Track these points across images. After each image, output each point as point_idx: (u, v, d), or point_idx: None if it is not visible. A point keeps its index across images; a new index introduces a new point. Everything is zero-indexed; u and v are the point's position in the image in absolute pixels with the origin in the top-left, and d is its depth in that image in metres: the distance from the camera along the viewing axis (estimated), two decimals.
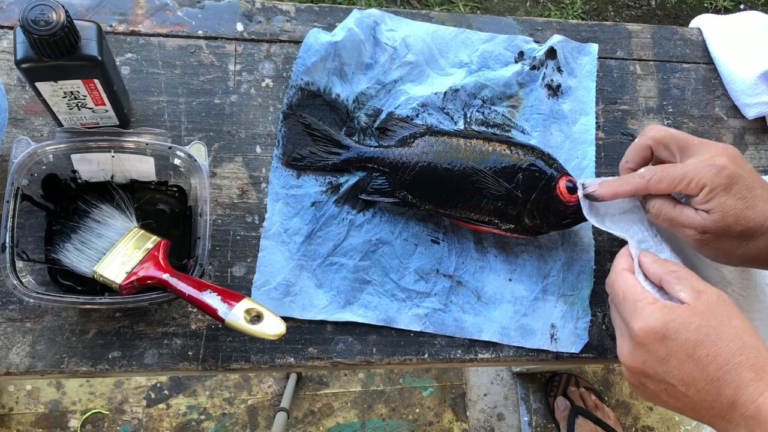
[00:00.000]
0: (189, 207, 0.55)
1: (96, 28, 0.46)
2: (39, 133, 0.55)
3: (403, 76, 0.61)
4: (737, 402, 0.42)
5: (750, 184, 0.49)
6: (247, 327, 0.45)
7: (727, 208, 0.49)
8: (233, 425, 1.35)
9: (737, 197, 0.49)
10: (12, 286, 0.47)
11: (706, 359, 0.43)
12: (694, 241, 0.51)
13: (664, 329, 0.44)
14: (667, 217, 0.51)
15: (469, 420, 1.43)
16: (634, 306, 0.47)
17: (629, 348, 0.47)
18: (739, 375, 0.42)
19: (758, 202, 0.49)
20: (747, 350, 0.43)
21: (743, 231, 0.49)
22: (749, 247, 0.49)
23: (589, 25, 0.67)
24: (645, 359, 0.45)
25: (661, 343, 0.44)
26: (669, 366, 0.44)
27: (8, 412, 1.29)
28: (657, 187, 0.51)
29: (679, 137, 0.52)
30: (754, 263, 0.51)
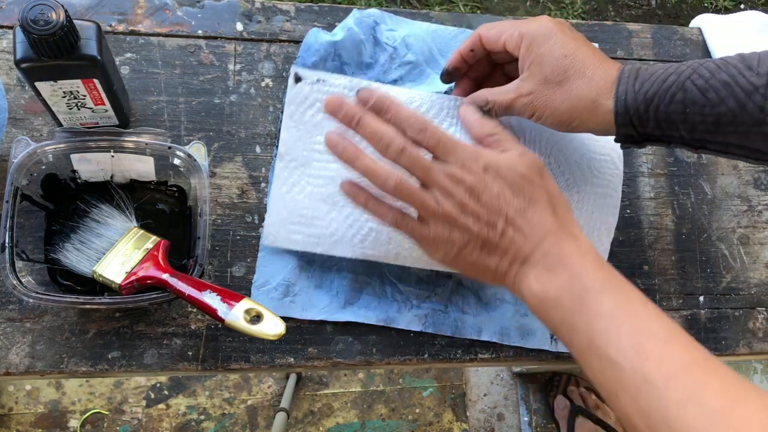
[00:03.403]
0: (189, 207, 0.55)
1: (95, 27, 0.46)
2: (38, 132, 0.55)
3: (403, 76, 0.60)
4: (542, 243, 0.46)
5: (575, 37, 0.50)
6: (247, 327, 0.45)
7: (543, 56, 0.49)
8: (233, 425, 1.35)
9: (553, 45, 0.50)
10: (11, 285, 0.47)
11: (528, 201, 0.46)
12: (525, 106, 0.51)
13: (488, 162, 0.47)
14: (500, 102, 0.51)
15: (469, 420, 1.43)
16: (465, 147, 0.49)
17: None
18: (548, 223, 0.46)
19: (580, 52, 0.50)
20: (557, 203, 0.47)
21: (562, 74, 0.49)
22: (573, 95, 0.49)
23: (589, 25, 0.67)
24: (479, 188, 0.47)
25: (491, 176, 0.47)
26: (499, 202, 0.46)
27: (8, 412, 1.29)
28: (487, 35, 0.52)
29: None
30: (586, 124, 0.50)
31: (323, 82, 0.56)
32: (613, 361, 0.41)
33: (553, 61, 0.49)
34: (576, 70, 0.49)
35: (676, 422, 0.38)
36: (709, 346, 0.62)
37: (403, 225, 0.49)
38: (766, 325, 0.64)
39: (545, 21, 0.51)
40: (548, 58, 0.49)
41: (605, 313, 0.42)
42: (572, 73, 0.49)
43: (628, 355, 0.40)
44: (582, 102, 0.49)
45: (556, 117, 0.50)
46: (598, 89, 0.49)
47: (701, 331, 0.62)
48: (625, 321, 0.42)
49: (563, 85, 0.49)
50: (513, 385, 1.44)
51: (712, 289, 0.64)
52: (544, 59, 0.49)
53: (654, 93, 0.48)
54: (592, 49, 0.51)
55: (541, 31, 0.50)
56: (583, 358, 0.43)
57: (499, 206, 0.46)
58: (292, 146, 0.56)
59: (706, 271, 0.64)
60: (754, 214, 0.66)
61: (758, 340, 0.63)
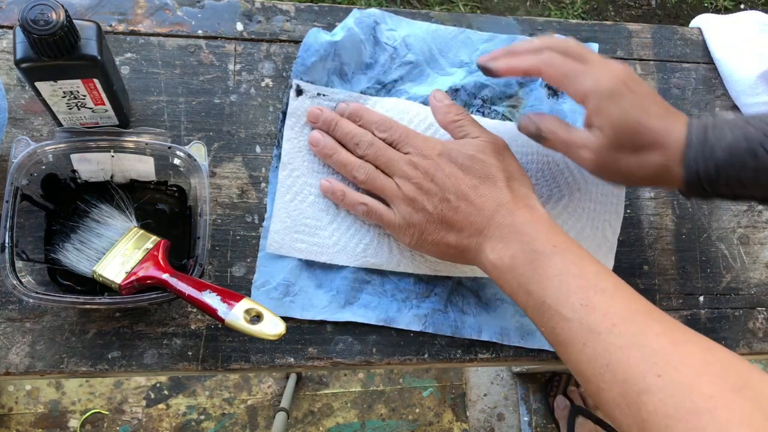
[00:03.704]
0: (189, 207, 0.55)
1: (96, 27, 0.46)
2: (38, 132, 0.55)
3: (403, 76, 0.60)
4: (495, 215, 0.49)
5: (642, 100, 0.49)
6: (247, 327, 0.45)
7: (620, 122, 0.48)
8: (233, 425, 1.35)
9: (630, 110, 0.48)
10: (11, 285, 0.47)
11: (480, 178, 0.50)
12: (590, 162, 0.50)
13: (442, 149, 0.52)
14: (562, 139, 0.51)
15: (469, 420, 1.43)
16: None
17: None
18: (502, 195, 0.49)
19: (650, 118, 0.49)
20: (514, 179, 0.50)
21: (639, 146, 0.49)
22: (645, 165, 0.49)
23: (589, 25, 0.67)
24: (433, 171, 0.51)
25: (444, 159, 0.51)
26: (451, 180, 0.50)
27: (8, 412, 1.29)
28: (549, 73, 0.51)
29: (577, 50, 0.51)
30: (652, 183, 0.51)
31: (324, 96, 0.58)
32: (563, 317, 0.43)
33: (626, 127, 0.48)
34: (651, 140, 0.48)
35: (619, 365, 0.40)
36: None
37: (373, 214, 0.54)
38: (766, 325, 0.64)
39: (610, 78, 0.49)
40: (621, 122, 0.48)
41: (555, 274, 0.45)
42: (647, 144, 0.49)
43: (576, 309, 0.43)
44: (653, 170, 0.49)
45: (620, 179, 0.51)
46: (670, 156, 0.49)
47: (701, 331, 0.62)
48: (573, 279, 0.44)
49: (637, 155, 0.49)
50: (513, 385, 1.44)
51: (712, 289, 0.64)
52: (616, 122, 0.48)
53: (725, 161, 0.47)
54: (660, 108, 0.50)
55: (611, 91, 0.48)
56: (537, 319, 0.46)
57: (451, 184, 0.50)
58: (294, 156, 0.57)
59: (706, 271, 0.64)
60: (754, 214, 0.66)
61: (758, 340, 0.63)
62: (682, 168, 0.48)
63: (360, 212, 0.55)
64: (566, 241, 0.47)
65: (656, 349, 0.40)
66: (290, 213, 0.56)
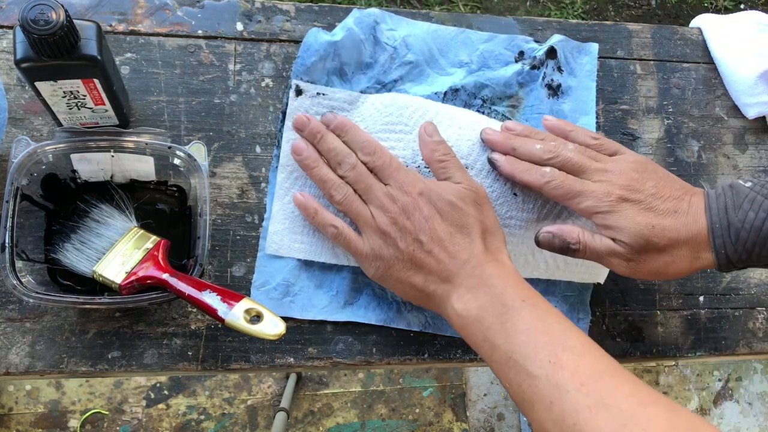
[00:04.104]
0: (189, 207, 0.55)
1: (95, 27, 0.46)
2: (38, 132, 0.55)
3: (403, 76, 0.60)
4: (465, 265, 0.48)
5: (647, 204, 0.50)
6: (247, 327, 0.45)
7: (632, 232, 0.49)
8: (233, 425, 1.35)
9: (637, 218, 0.49)
10: (11, 285, 0.47)
11: (456, 227, 0.50)
12: (624, 269, 0.51)
13: (423, 188, 0.51)
14: (592, 249, 0.51)
15: (469, 420, 1.43)
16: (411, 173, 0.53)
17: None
18: (474, 247, 0.49)
19: (661, 219, 0.49)
20: (489, 232, 0.50)
21: (661, 247, 0.49)
22: (676, 261, 0.50)
23: (589, 25, 0.67)
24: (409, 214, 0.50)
25: (424, 200, 0.50)
26: (428, 223, 0.50)
27: (8, 412, 1.29)
28: (551, 193, 0.52)
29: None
30: (690, 273, 0.51)
31: (323, 95, 0.57)
32: (530, 374, 0.43)
33: (641, 236, 0.49)
34: (670, 240, 0.49)
35: (587, 425, 0.40)
36: (709, 346, 0.62)
37: (342, 238, 0.53)
38: (766, 325, 0.64)
39: (608, 194, 0.50)
40: (634, 233, 0.49)
41: (523, 329, 0.45)
42: (669, 244, 0.49)
43: (544, 366, 0.42)
44: (686, 264, 0.50)
45: (659, 278, 0.51)
46: (697, 247, 0.49)
47: (701, 331, 0.62)
48: (542, 336, 0.44)
49: (664, 254, 0.50)
50: None
51: (712, 289, 0.64)
52: (629, 235, 0.49)
53: (753, 243, 0.48)
54: (670, 203, 0.50)
55: (612, 208, 0.50)
56: (503, 373, 0.45)
57: (427, 227, 0.50)
58: (293, 158, 0.57)
59: (706, 271, 0.64)
60: None
61: (758, 340, 0.63)
62: (711, 254, 0.49)
63: (329, 234, 0.54)
64: (534, 296, 0.47)
65: (624, 410, 0.40)
66: (288, 214, 0.56)
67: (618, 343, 0.61)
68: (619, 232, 0.49)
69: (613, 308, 0.61)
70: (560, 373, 0.42)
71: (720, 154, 0.67)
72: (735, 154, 0.67)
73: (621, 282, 0.62)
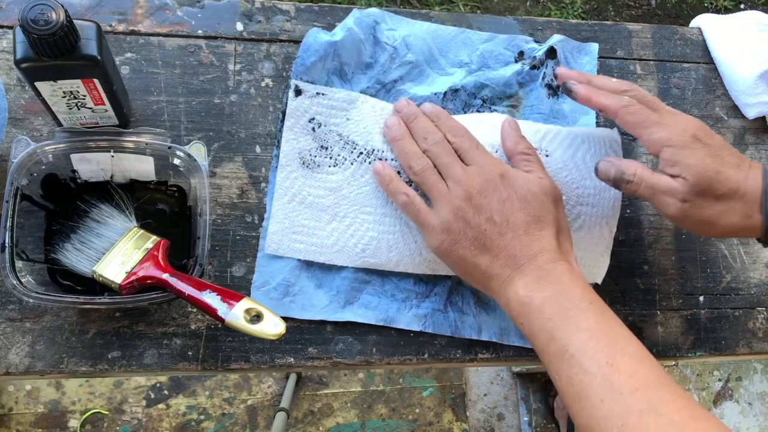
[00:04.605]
0: (189, 207, 0.55)
1: (95, 27, 0.46)
2: (38, 132, 0.55)
3: (403, 76, 0.61)
4: (537, 257, 0.48)
5: (717, 151, 0.50)
6: (247, 327, 0.45)
7: (698, 170, 0.49)
8: (233, 425, 1.35)
9: (706, 159, 0.49)
10: (11, 285, 0.47)
11: (533, 218, 0.49)
12: (676, 210, 0.50)
13: (506, 172, 0.51)
14: (649, 184, 0.51)
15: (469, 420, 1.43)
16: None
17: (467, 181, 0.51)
18: (548, 242, 0.49)
19: (727, 168, 0.50)
20: (562, 232, 0.51)
21: (720, 194, 0.49)
22: (729, 213, 0.50)
23: (589, 25, 0.67)
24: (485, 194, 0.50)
25: (505, 183, 0.50)
26: (505, 205, 0.50)
27: (8, 412, 1.29)
28: (625, 118, 0.51)
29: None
30: (735, 233, 0.51)
31: (323, 95, 0.57)
32: (585, 370, 0.43)
33: (706, 177, 0.49)
34: (730, 188, 0.50)
35: (636, 428, 0.40)
36: (709, 345, 0.62)
37: (411, 207, 0.53)
38: (766, 325, 0.64)
39: (684, 131, 0.50)
40: (701, 172, 0.49)
41: (586, 328, 0.45)
42: (727, 192, 0.50)
43: (601, 366, 0.43)
44: (736, 219, 0.50)
45: (705, 228, 0.51)
46: (750, 204, 0.50)
47: (701, 331, 0.62)
48: (603, 338, 0.44)
49: (720, 203, 0.50)
50: (513, 385, 1.44)
51: (712, 289, 0.64)
52: (695, 171, 0.49)
53: None
54: (734, 157, 0.51)
55: (685, 143, 0.50)
56: (555, 364, 0.46)
57: (504, 209, 0.49)
58: (294, 158, 0.57)
59: (706, 271, 0.64)
60: None
61: (758, 340, 0.63)
62: (760, 215, 0.49)
63: (399, 202, 0.53)
64: (599, 301, 0.48)
65: (675, 421, 0.40)
66: (288, 214, 0.56)
67: None
68: (686, 169, 0.49)
69: (613, 308, 0.61)
70: (616, 376, 0.42)
71: None
72: None
73: (621, 282, 0.62)
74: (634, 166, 0.52)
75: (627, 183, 0.52)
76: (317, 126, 0.57)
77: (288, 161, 0.57)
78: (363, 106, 0.58)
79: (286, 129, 0.57)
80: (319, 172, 0.57)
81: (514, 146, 0.53)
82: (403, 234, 0.56)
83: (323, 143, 0.57)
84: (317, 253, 0.56)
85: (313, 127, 0.57)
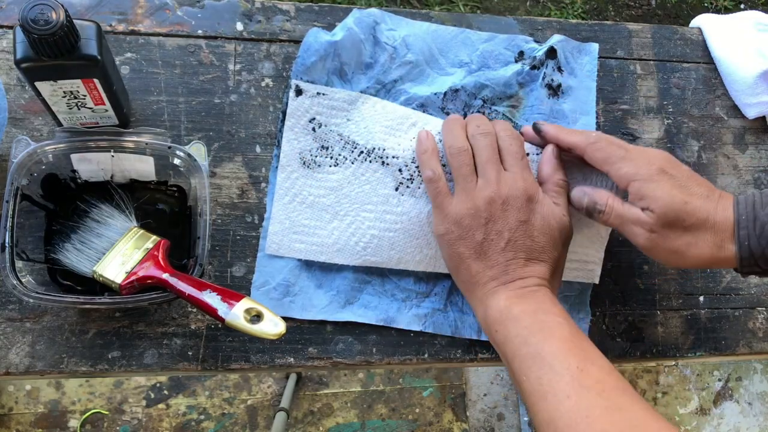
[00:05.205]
0: (189, 207, 0.55)
1: (95, 27, 0.46)
2: (38, 132, 0.55)
3: (403, 76, 0.61)
4: (526, 279, 0.50)
5: (684, 182, 0.50)
6: (247, 326, 0.45)
7: (665, 203, 0.49)
8: (233, 425, 1.35)
9: (672, 191, 0.50)
10: (11, 285, 0.47)
11: (540, 251, 0.51)
12: (644, 240, 0.51)
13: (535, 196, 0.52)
14: (618, 214, 0.52)
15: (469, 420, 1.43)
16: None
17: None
18: (541, 272, 0.51)
19: (695, 199, 0.50)
20: (557, 270, 0.53)
21: (689, 225, 0.49)
22: (699, 244, 0.50)
23: (589, 25, 0.67)
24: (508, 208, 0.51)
25: (530, 208, 0.51)
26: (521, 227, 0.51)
27: (8, 412, 1.29)
28: (593, 155, 0.52)
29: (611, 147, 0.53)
30: (708, 263, 0.51)
31: (323, 95, 0.57)
32: (555, 371, 0.45)
33: (673, 209, 0.49)
34: (699, 219, 0.49)
35: (599, 419, 0.42)
36: (709, 346, 0.62)
37: (433, 186, 0.53)
38: (766, 325, 0.64)
39: (649, 164, 0.51)
40: (668, 203, 0.49)
41: (560, 337, 0.47)
42: (696, 223, 0.49)
43: (571, 369, 0.45)
44: (707, 250, 0.50)
45: (677, 259, 0.51)
46: (721, 235, 0.50)
47: (701, 331, 0.62)
48: (575, 348, 0.47)
49: (688, 234, 0.50)
50: (513, 385, 1.44)
51: (712, 289, 0.64)
52: (663, 203, 0.49)
53: None
54: (702, 188, 0.51)
55: (650, 176, 0.50)
56: (524, 366, 0.47)
57: (517, 230, 0.51)
58: (294, 158, 0.57)
59: (706, 271, 0.64)
60: None
61: (758, 340, 0.63)
62: (734, 246, 0.49)
63: (425, 175, 0.53)
64: (575, 324, 0.49)
65: (638, 417, 0.42)
66: (289, 214, 0.56)
67: (618, 343, 0.61)
68: (653, 201, 0.49)
69: (613, 308, 0.61)
70: (585, 378, 0.44)
71: (720, 154, 0.67)
72: (735, 154, 0.67)
73: (621, 282, 0.62)
74: (605, 196, 0.52)
75: (599, 213, 0.53)
76: (318, 126, 0.57)
77: (288, 161, 0.57)
78: (363, 106, 0.58)
79: (287, 129, 0.57)
80: (319, 172, 0.57)
81: (552, 173, 0.54)
82: (405, 232, 0.56)
83: (324, 143, 0.57)
84: (318, 253, 0.56)
85: (313, 127, 0.57)
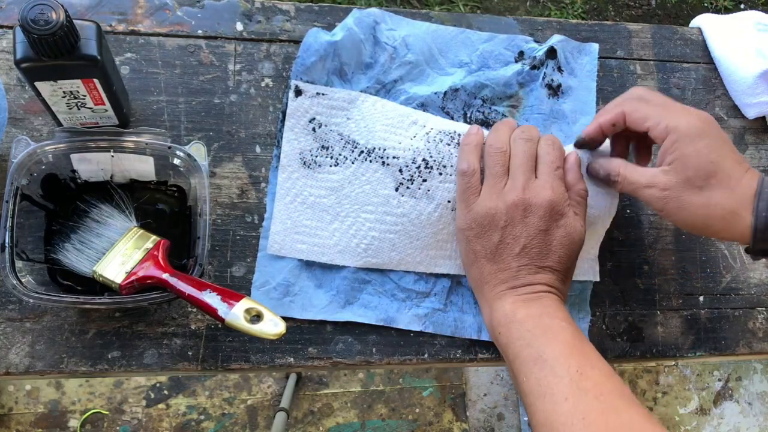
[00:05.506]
0: (188, 207, 0.55)
1: (95, 27, 0.46)
2: (38, 132, 0.55)
3: (403, 76, 0.61)
4: (535, 286, 0.51)
5: (720, 144, 0.50)
6: (247, 326, 0.45)
7: (691, 156, 0.49)
8: (233, 425, 1.35)
9: (705, 149, 0.49)
10: (11, 285, 0.47)
11: (555, 262, 0.52)
12: (657, 199, 0.50)
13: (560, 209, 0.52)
14: (630, 181, 0.52)
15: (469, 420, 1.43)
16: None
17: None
18: (551, 280, 0.52)
19: (724, 159, 0.49)
20: (567, 277, 0.53)
21: (708, 182, 0.49)
22: (711, 202, 0.49)
23: (589, 25, 0.67)
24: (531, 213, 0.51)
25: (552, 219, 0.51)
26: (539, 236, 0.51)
27: (8, 412, 1.29)
28: (632, 115, 0.52)
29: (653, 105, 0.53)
30: (717, 229, 0.50)
31: (323, 95, 0.57)
32: (555, 373, 0.46)
33: (698, 164, 0.49)
34: (720, 178, 0.49)
35: (596, 421, 0.43)
36: (709, 345, 0.62)
37: (466, 177, 0.53)
38: (766, 325, 0.64)
39: (695, 119, 0.50)
40: (694, 159, 0.49)
41: (563, 341, 0.48)
42: (716, 182, 0.49)
43: (571, 372, 0.46)
44: (720, 212, 0.49)
45: (688, 220, 0.50)
46: (738, 201, 0.49)
47: (701, 331, 0.62)
48: (576, 352, 0.47)
49: (704, 191, 0.49)
50: (513, 385, 1.44)
51: (712, 289, 0.64)
52: (689, 160, 0.49)
53: None
54: (736, 156, 0.50)
55: (690, 131, 0.49)
56: (525, 367, 0.48)
57: (535, 239, 0.51)
58: (294, 158, 0.57)
59: (706, 271, 0.64)
60: None
61: (758, 340, 0.63)
62: (750, 215, 0.48)
63: (461, 167, 0.53)
64: (579, 329, 0.50)
65: (635, 420, 0.43)
66: (290, 215, 0.56)
67: (618, 343, 0.61)
68: (682, 154, 0.49)
69: (613, 308, 0.61)
70: (584, 381, 0.45)
71: None
72: None
73: (621, 282, 0.62)
74: (616, 166, 0.53)
75: (613, 182, 0.54)
76: (318, 126, 0.57)
77: (289, 161, 0.57)
78: (363, 105, 0.58)
79: (287, 129, 0.57)
80: (320, 172, 0.57)
81: (575, 183, 0.54)
82: (405, 233, 0.56)
83: (324, 143, 0.57)
84: (320, 254, 0.56)
85: (313, 127, 0.57)
